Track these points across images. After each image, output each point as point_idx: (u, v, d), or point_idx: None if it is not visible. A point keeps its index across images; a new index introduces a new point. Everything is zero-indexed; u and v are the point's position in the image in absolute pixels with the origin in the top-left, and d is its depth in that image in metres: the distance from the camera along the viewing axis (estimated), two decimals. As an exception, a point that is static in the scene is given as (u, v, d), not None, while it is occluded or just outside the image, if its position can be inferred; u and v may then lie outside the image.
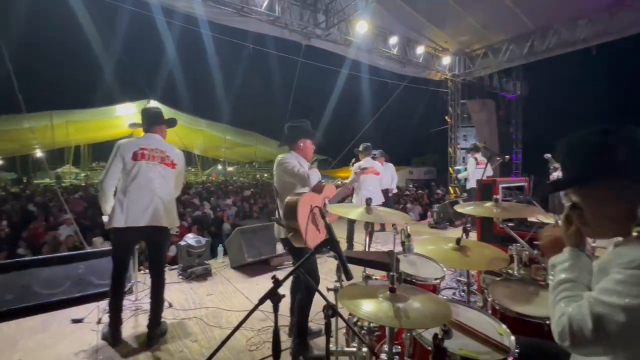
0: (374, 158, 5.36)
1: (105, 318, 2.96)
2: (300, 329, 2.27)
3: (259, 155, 27.95)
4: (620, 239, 0.93)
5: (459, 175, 7.50)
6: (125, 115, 15.09)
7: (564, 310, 0.87)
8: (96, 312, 3.08)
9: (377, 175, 5.19)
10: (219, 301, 3.42)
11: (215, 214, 8.58)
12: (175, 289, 3.74)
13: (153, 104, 14.85)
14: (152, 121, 2.76)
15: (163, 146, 2.70)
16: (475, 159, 6.67)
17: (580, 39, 7.60)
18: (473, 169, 6.54)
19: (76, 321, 2.96)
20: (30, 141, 15.04)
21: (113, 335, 2.58)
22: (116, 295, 2.62)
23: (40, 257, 3.62)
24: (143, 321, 2.92)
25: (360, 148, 5.20)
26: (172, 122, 2.89)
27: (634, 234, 0.82)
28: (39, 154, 17.48)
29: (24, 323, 2.93)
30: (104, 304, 3.19)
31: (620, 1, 6.85)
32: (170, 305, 3.26)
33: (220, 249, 4.81)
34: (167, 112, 16.49)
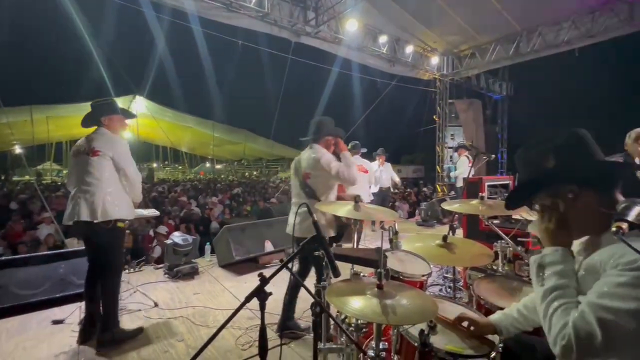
0: (374, 157, 5.38)
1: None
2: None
3: (247, 153, 27.73)
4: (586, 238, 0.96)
5: (452, 174, 7.59)
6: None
7: (565, 321, 0.81)
8: (78, 312, 2.99)
9: (365, 173, 5.19)
10: (206, 300, 3.38)
11: (202, 212, 8.46)
12: (161, 288, 3.67)
13: (139, 100, 14.53)
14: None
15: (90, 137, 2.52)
16: (467, 157, 6.76)
17: (564, 41, 7.79)
18: (466, 168, 6.61)
19: (57, 322, 2.87)
20: (8, 137, 14.48)
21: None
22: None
23: (19, 256, 3.50)
24: (127, 322, 2.85)
25: (349, 146, 5.19)
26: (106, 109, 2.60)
27: (613, 229, 0.78)
28: (17, 150, 16.87)
29: (1, 325, 2.82)
30: (86, 304, 3.12)
31: (602, 5, 7.05)
32: (156, 305, 3.20)
33: (207, 247, 4.75)
34: (154, 108, 16.14)
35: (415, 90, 10.92)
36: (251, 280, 3.92)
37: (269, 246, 4.53)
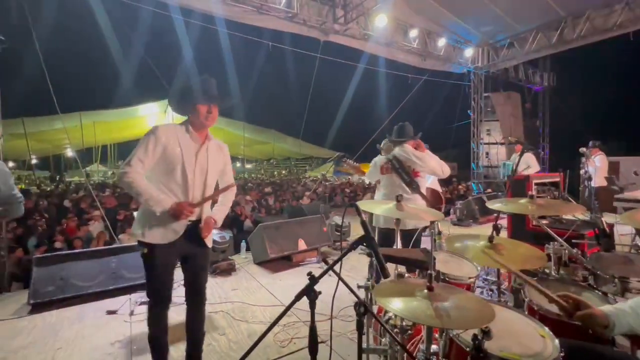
0: None
1: (137, 310, 3.08)
2: None
3: (276, 153, 28.17)
4: None
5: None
6: (146, 115, 15.54)
7: None
8: (128, 304, 3.20)
9: None
10: (244, 296, 3.48)
11: (234, 210, 8.72)
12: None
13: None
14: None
15: None
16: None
17: (616, 25, 7.15)
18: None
19: (111, 312, 3.10)
20: (62, 141, 15.78)
21: None
22: None
23: (75, 251, 3.81)
24: (174, 315, 3.00)
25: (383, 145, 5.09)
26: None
27: None
28: (69, 153, 18.30)
29: (62, 313, 3.09)
30: (136, 296, 3.33)
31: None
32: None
33: (243, 244, 4.89)
34: (188, 111, 16.92)
35: (447, 84, 10.53)
36: (286, 278, 3.99)
37: (302, 245, 4.58)
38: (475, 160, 10.75)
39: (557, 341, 1.25)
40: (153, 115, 15.42)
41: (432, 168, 2.86)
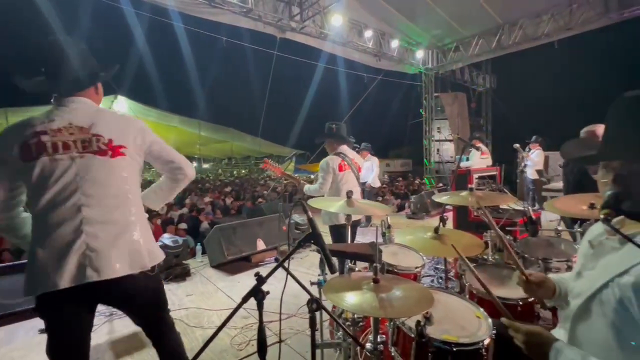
0: (358, 151, 5.30)
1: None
2: None
3: (235, 152, 27.42)
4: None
5: (462, 164, 7.45)
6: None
7: None
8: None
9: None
10: (200, 301, 3.34)
11: (190, 212, 8.33)
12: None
13: (121, 99, 14.12)
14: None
15: (83, 115, 1.34)
16: (478, 148, 6.66)
17: (543, 34, 7.98)
18: (477, 159, 6.51)
19: (44, 331, 2.79)
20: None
21: None
22: None
23: (1, 265, 3.38)
24: (118, 326, 2.80)
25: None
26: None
27: (601, 216, 0.78)
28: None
29: (-14, 336, 2.73)
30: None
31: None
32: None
33: (198, 247, 4.69)
34: (137, 108, 15.72)
35: (402, 84, 11.02)
36: (245, 280, 3.90)
37: (260, 245, 4.51)
38: (428, 157, 11.38)
39: (490, 320, 1.37)
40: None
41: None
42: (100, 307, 2.33)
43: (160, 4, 5.93)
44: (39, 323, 2.89)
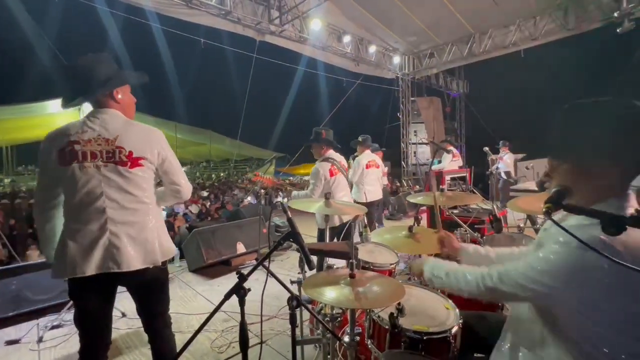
0: (372, 151, 4.84)
1: (48, 335, 2.73)
2: None
3: (213, 154, 26.91)
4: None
5: (434, 167, 7.60)
6: (59, 113, 13.51)
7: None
8: (35, 330, 2.79)
9: (378, 169, 4.60)
10: (178, 306, 3.30)
11: (168, 216, 8.13)
12: (128, 297, 3.51)
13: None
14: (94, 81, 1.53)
15: (112, 128, 1.51)
16: (450, 151, 6.75)
17: (511, 43, 8.46)
18: (449, 162, 6.64)
19: (11, 343, 2.67)
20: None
21: None
22: None
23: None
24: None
25: (360, 139, 4.60)
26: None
27: (543, 209, 0.86)
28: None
29: (-55, 351, 2.58)
30: (45, 320, 2.93)
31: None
32: (124, 315, 3.07)
33: (176, 252, 4.61)
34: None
35: (380, 88, 11.29)
36: (224, 283, 3.88)
37: (240, 248, 4.49)
38: (405, 159, 11.69)
39: (457, 311, 1.48)
40: (65, 113, 13.46)
41: None
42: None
43: (135, 3, 5.79)
44: (6, 334, 2.77)
